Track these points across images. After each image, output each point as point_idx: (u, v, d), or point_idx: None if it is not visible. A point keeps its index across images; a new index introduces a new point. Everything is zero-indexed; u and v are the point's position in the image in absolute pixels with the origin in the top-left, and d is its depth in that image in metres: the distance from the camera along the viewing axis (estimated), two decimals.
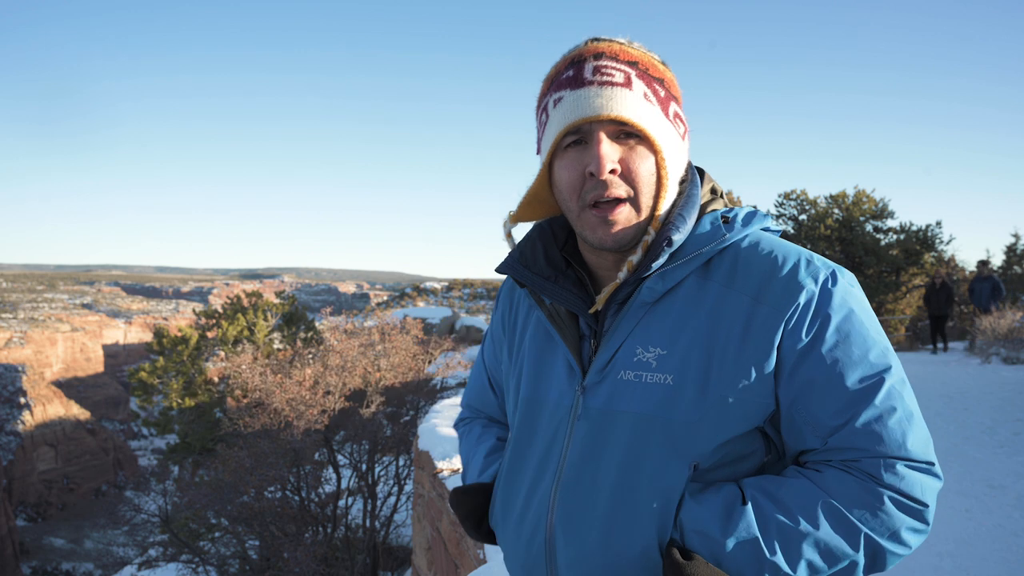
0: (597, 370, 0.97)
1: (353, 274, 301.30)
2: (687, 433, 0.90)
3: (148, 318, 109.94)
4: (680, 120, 0.98)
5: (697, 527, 0.88)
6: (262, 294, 25.04)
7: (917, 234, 21.42)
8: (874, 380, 0.88)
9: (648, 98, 0.92)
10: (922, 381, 9.04)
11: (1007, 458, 5.46)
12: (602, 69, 0.92)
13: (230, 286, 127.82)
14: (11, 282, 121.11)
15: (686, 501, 0.90)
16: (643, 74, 0.94)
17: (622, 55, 0.94)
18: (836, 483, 0.87)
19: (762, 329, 0.89)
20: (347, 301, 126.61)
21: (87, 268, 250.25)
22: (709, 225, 0.96)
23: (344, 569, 9.53)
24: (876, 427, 0.86)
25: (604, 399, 0.96)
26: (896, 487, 0.86)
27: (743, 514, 0.87)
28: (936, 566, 3.58)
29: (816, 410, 0.89)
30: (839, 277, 0.92)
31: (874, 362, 0.88)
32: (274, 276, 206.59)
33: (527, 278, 1.04)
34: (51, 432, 63.33)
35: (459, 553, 4.31)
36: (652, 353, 0.93)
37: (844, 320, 0.89)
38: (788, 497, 0.88)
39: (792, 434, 0.92)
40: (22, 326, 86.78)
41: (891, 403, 0.87)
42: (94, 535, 43.84)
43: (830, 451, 0.89)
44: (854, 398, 0.87)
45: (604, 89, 0.91)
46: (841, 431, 0.87)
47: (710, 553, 0.87)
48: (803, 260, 0.92)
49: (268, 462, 9.67)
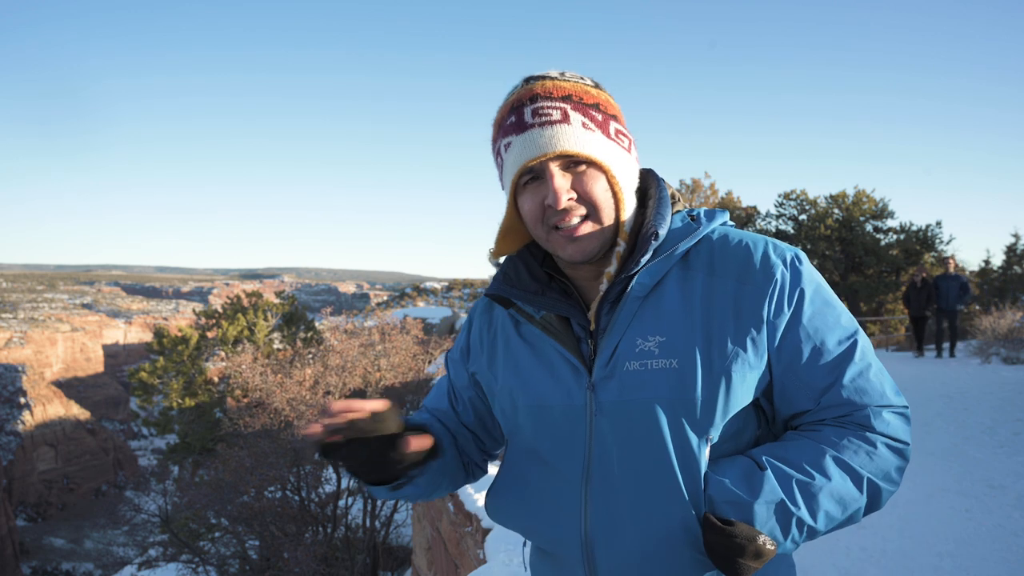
0: (602, 365, 1.02)
1: (353, 274, 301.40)
2: (700, 410, 0.97)
3: (148, 318, 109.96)
4: (623, 135, 1.06)
5: (727, 498, 0.95)
6: (262, 294, 25.06)
7: (917, 234, 21.42)
8: (850, 341, 1.01)
9: (587, 126, 1.01)
10: (922, 381, 9.04)
11: (1007, 458, 5.46)
12: (539, 111, 1.01)
13: (230, 286, 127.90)
14: (11, 282, 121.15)
15: (709, 477, 0.98)
16: (578, 105, 1.02)
17: (556, 92, 1.02)
18: (836, 437, 0.98)
19: (751, 305, 0.99)
20: (347, 301, 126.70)
21: (87, 268, 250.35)
22: (680, 222, 1.07)
23: (344, 569, 9.53)
24: (861, 382, 0.99)
25: (616, 392, 1.01)
26: (886, 432, 0.99)
27: (765, 479, 0.95)
28: (936, 566, 3.58)
29: (806, 374, 1.00)
30: (801, 256, 1.04)
31: (846, 325, 1.02)
32: (274, 276, 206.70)
33: (515, 295, 1.10)
34: (51, 432, 63.34)
35: (459, 553, 4.31)
36: (652, 341, 1.00)
37: (815, 292, 1.02)
38: (798, 457, 0.97)
39: (785, 400, 1.03)
40: (22, 326, 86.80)
41: (867, 359, 1.01)
42: (94, 535, 43.87)
43: (823, 409, 1.01)
44: (838, 359, 1.00)
45: (545, 129, 1.00)
46: (831, 390, 0.99)
47: (743, 517, 0.94)
48: (770, 244, 1.04)
49: (268, 462, 9.68)
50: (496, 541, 3.60)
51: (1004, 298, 17.59)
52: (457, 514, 4.39)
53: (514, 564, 3.31)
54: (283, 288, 36.95)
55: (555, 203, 0.99)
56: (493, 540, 3.62)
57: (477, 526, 4.00)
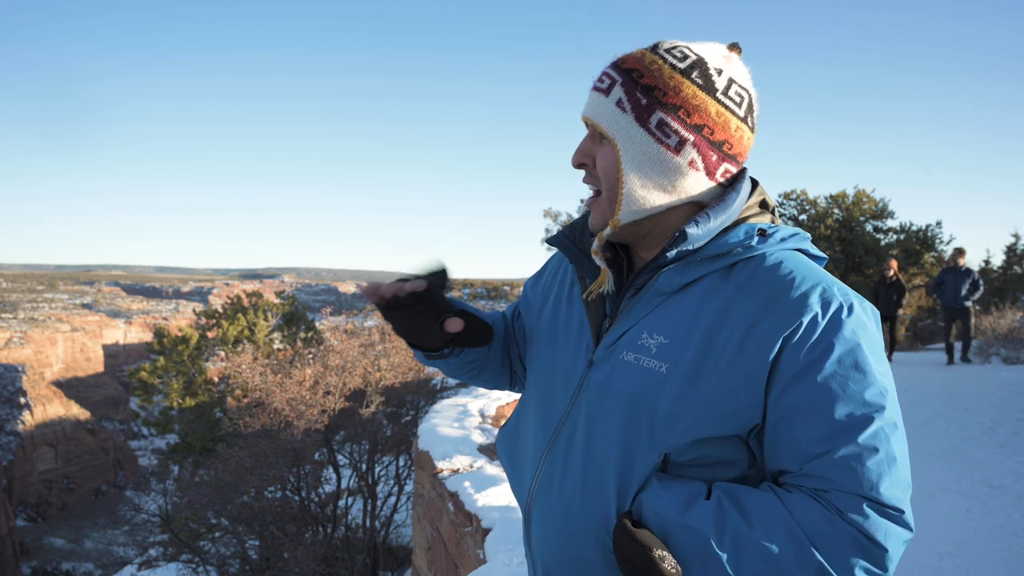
0: (605, 346, 1.04)
1: (353, 274, 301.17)
2: (666, 422, 0.94)
3: (148, 318, 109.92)
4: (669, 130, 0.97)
5: (654, 506, 0.92)
6: (262, 294, 25.06)
7: (917, 234, 21.42)
8: (862, 418, 0.88)
9: (621, 104, 0.99)
10: (922, 381, 9.04)
11: (1007, 458, 5.46)
12: (602, 76, 1.02)
13: (230, 286, 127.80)
14: (11, 282, 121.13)
15: (652, 483, 0.94)
16: (630, 82, 0.99)
17: (625, 63, 1.01)
18: (802, 507, 0.87)
19: (761, 338, 0.90)
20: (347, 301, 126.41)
21: (87, 268, 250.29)
22: (743, 234, 0.98)
23: (344, 569, 9.53)
24: (853, 463, 0.86)
25: (605, 375, 1.02)
26: (859, 526, 0.85)
27: (702, 507, 0.89)
28: (936, 566, 3.58)
29: (798, 433, 0.89)
30: (856, 310, 0.92)
31: (868, 400, 0.88)
32: (274, 276, 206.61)
33: (572, 253, 1.13)
34: (51, 432, 63.32)
35: (459, 553, 4.31)
36: (655, 340, 0.98)
37: (847, 353, 0.89)
38: (752, 506, 0.89)
39: (772, 452, 0.93)
40: (22, 326, 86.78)
41: (874, 444, 0.87)
42: (94, 535, 43.87)
43: (804, 476, 0.90)
44: (838, 430, 0.87)
45: (591, 94, 1.03)
46: (818, 460, 0.88)
47: (660, 533, 0.90)
48: (822, 285, 0.92)
49: (268, 462, 9.68)
50: (496, 541, 3.60)
51: (1004, 298, 17.59)
52: (457, 514, 4.39)
53: (514, 564, 3.31)
54: (283, 288, 36.95)
55: (572, 159, 1.05)
56: (493, 540, 3.62)
57: (477, 526, 4.00)
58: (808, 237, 1.03)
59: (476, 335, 1.15)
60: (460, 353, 1.21)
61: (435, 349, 1.17)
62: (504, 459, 1.22)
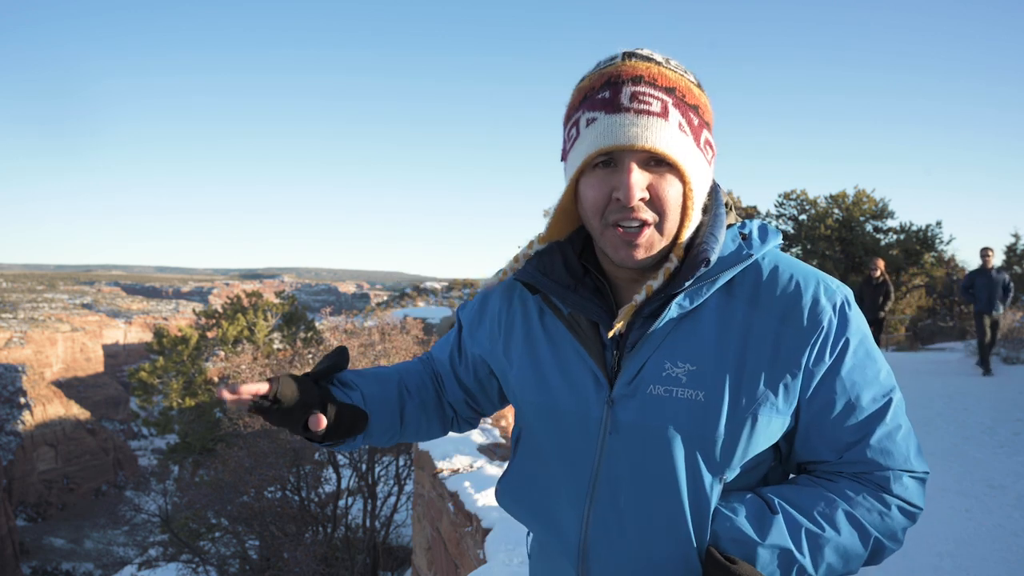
0: (625, 383, 0.98)
1: (353, 274, 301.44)
2: (719, 449, 0.94)
3: (148, 318, 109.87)
4: (710, 146, 0.98)
5: (733, 536, 0.94)
6: (262, 294, 25.08)
7: (917, 234, 21.42)
8: (885, 399, 0.97)
9: (683, 128, 0.92)
10: (922, 381, 9.04)
11: (1007, 458, 5.46)
12: (639, 96, 0.90)
13: (230, 286, 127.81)
14: (11, 282, 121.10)
15: (719, 512, 0.96)
16: (680, 102, 0.92)
17: (660, 80, 0.92)
18: (852, 492, 0.96)
19: (791, 350, 0.94)
20: (347, 301, 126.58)
21: (87, 268, 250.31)
22: (732, 244, 0.99)
23: (344, 569, 9.52)
24: (887, 444, 0.96)
25: (635, 414, 0.97)
26: (903, 496, 0.97)
27: (774, 523, 0.93)
28: (936, 566, 3.58)
29: (834, 427, 0.96)
30: (850, 301, 0.98)
31: (883, 382, 0.98)
32: (274, 276, 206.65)
33: (546, 286, 1.03)
34: (51, 432, 63.28)
35: (459, 553, 4.31)
36: (681, 368, 0.95)
37: (859, 344, 0.96)
38: (811, 506, 0.96)
39: (806, 447, 1.00)
40: (22, 326, 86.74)
41: (898, 421, 0.97)
42: (94, 535, 43.85)
43: (844, 464, 0.98)
44: (869, 417, 0.96)
45: (640, 118, 0.89)
46: (856, 447, 0.96)
47: (745, 557, 0.93)
48: (821, 285, 0.97)
49: (268, 462, 9.68)
50: (496, 541, 3.59)
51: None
52: (457, 514, 4.39)
53: (514, 564, 3.31)
54: (283, 288, 36.95)
55: (626, 199, 0.89)
56: (493, 540, 3.62)
57: (477, 526, 3.99)
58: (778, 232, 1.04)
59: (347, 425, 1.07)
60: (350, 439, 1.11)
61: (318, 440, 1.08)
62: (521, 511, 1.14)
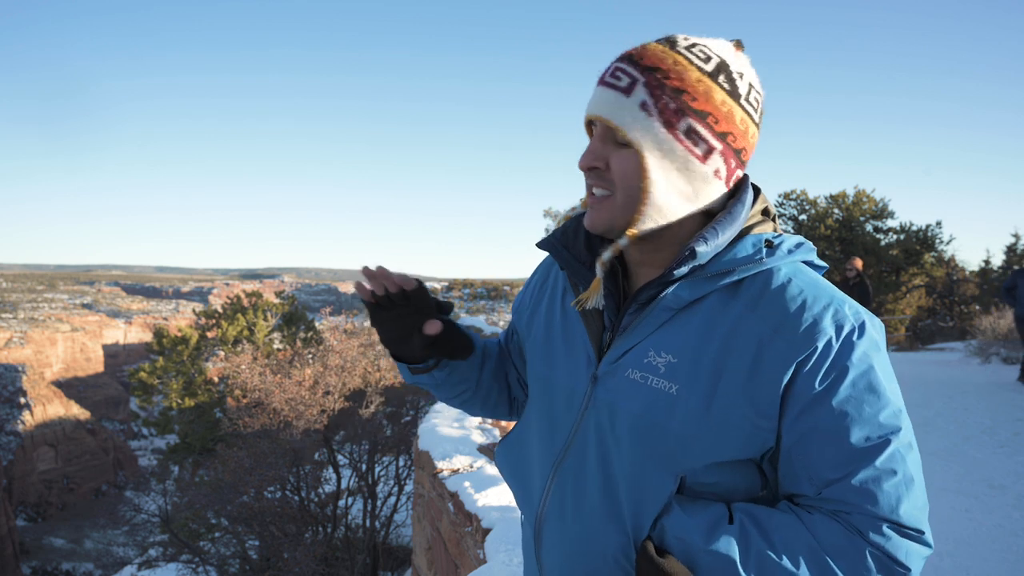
0: (609, 362, 1.00)
1: (353, 274, 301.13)
2: (680, 445, 0.92)
3: (148, 318, 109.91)
4: (699, 137, 0.92)
5: (679, 533, 0.91)
6: (262, 294, 25.08)
7: (917, 234, 21.43)
8: (879, 441, 0.87)
9: (646, 107, 0.91)
10: (922, 381, 9.04)
11: (1007, 458, 5.46)
12: (616, 72, 0.93)
13: (230, 286, 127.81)
14: (11, 282, 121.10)
15: (673, 508, 0.93)
16: (655, 82, 0.91)
17: (645, 60, 0.92)
18: (824, 529, 0.88)
19: (773, 363, 0.88)
20: (347, 301, 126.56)
21: (87, 268, 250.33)
22: (751, 247, 0.95)
23: (344, 569, 9.53)
24: (872, 487, 0.87)
25: (609, 393, 0.98)
26: (881, 547, 0.86)
27: (726, 532, 0.89)
28: (936, 566, 3.58)
29: (815, 459, 0.89)
30: (867, 330, 0.90)
31: (883, 423, 0.88)
32: (274, 276, 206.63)
33: (564, 258, 1.07)
34: (51, 432, 63.31)
35: (459, 553, 4.31)
36: (663, 359, 0.95)
37: (861, 376, 0.88)
38: (775, 530, 0.89)
39: (788, 476, 0.93)
40: (22, 326, 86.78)
41: (892, 466, 0.87)
42: (94, 535, 43.83)
43: (822, 500, 0.90)
44: (855, 455, 0.87)
45: (605, 91, 0.93)
46: (836, 484, 0.88)
47: (685, 560, 0.90)
48: (833, 306, 0.90)
49: (268, 462, 9.68)
50: (496, 541, 3.59)
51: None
52: (457, 514, 4.39)
53: (514, 564, 3.31)
54: (283, 288, 36.94)
55: (580, 162, 0.97)
56: (493, 540, 3.62)
57: (477, 526, 4.00)
58: (813, 249, 1.00)
59: (454, 345, 1.11)
60: (445, 367, 1.16)
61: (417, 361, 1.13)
62: (506, 473, 1.19)
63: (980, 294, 19.76)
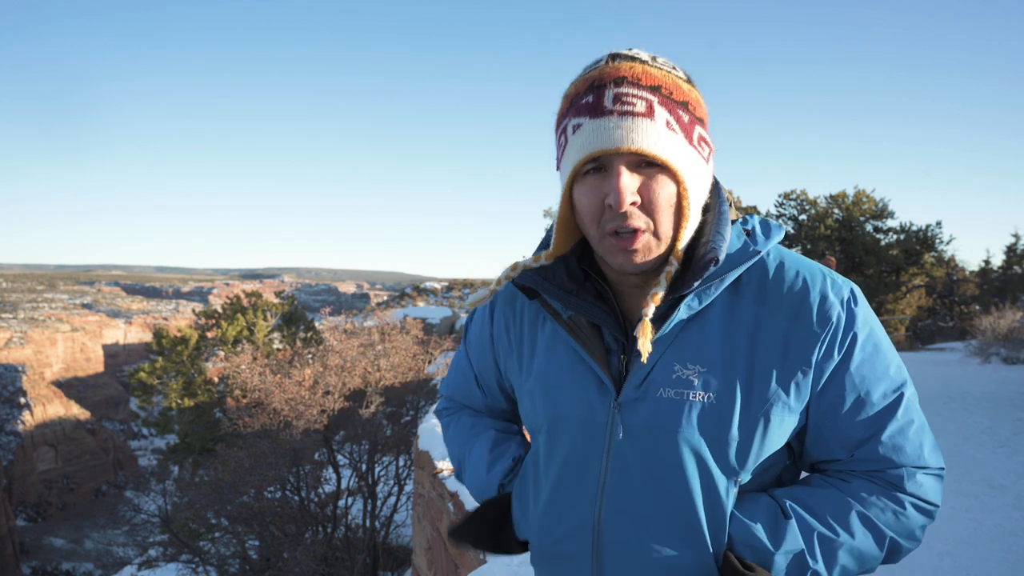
0: (634, 386, 0.96)
1: (353, 274, 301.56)
2: (734, 452, 0.93)
3: (148, 318, 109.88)
4: (705, 143, 0.94)
5: (747, 540, 0.93)
6: (262, 294, 25.08)
7: (917, 234, 21.42)
8: (896, 394, 0.95)
9: (671, 126, 0.89)
10: (922, 381, 9.04)
11: (1007, 458, 5.46)
12: (622, 97, 0.87)
13: (230, 286, 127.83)
14: (11, 282, 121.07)
15: (734, 516, 0.95)
16: (666, 99, 0.89)
17: (644, 79, 0.89)
18: (865, 493, 0.95)
19: (800, 348, 0.92)
20: (347, 301, 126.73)
21: (87, 268, 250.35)
22: (737, 240, 0.97)
23: (344, 569, 9.52)
24: (899, 440, 0.94)
25: (646, 417, 0.95)
26: (917, 494, 0.95)
27: (788, 528, 0.93)
28: (936, 566, 3.58)
29: (844, 424, 0.95)
30: (857, 295, 0.96)
31: (894, 376, 0.95)
32: (274, 276, 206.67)
33: (547, 290, 1.01)
34: (51, 432, 63.28)
35: (459, 553, 4.31)
36: (692, 370, 0.94)
37: (867, 338, 0.95)
38: (824, 508, 0.95)
39: (818, 445, 0.98)
40: (22, 326, 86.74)
41: (910, 416, 0.95)
42: (94, 535, 43.81)
43: (856, 462, 0.97)
44: (879, 413, 0.94)
45: (624, 120, 0.87)
46: (867, 444, 0.95)
47: (760, 563, 0.93)
48: (828, 278, 0.96)
49: (268, 462, 9.68)
50: None
51: (1004, 298, 17.58)
52: (457, 514, 4.39)
53: (514, 564, 3.31)
54: (283, 288, 36.95)
55: (617, 204, 0.87)
56: None
57: None
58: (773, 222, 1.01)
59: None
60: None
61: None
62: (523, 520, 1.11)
63: (980, 294, 19.76)
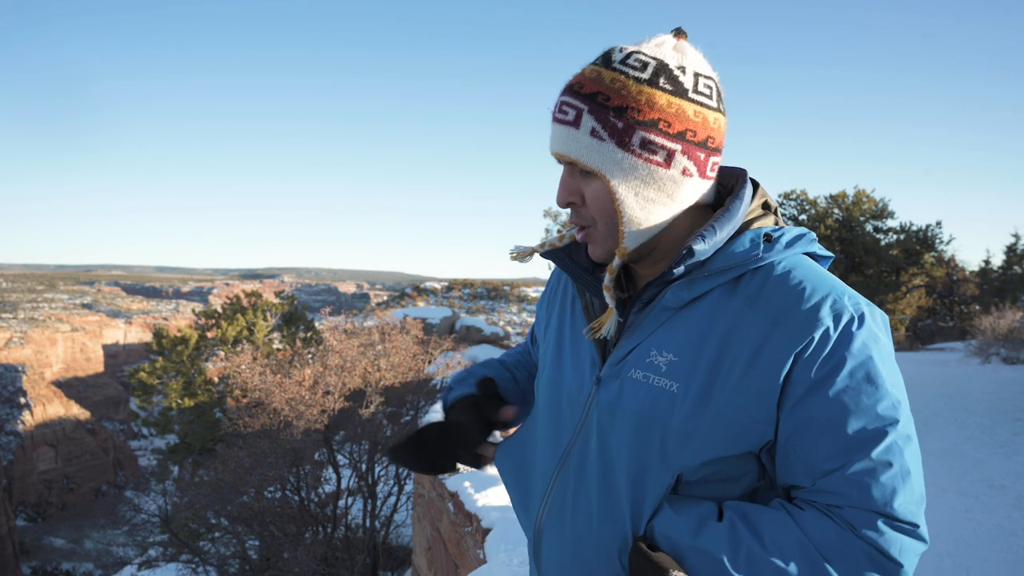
0: (612, 363, 1.01)
1: (353, 274, 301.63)
2: (678, 442, 0.92)
3: (148, 318, 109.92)
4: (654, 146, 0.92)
5: (666, 532, 0.92)
6: (262, 294, 25.06)
7: (917, 234, 21.43)
8: (876, 432, 0.86)
9: (596, 134, 0.92)
10: (922, 381, 9.04)
11: (1007, 458, 5.46)
12: (562, 106, 0.96)
13: (230, 286, 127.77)
14: (11, 282, 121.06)
15: (663, 508, 0.94)
16: (597, 107, 0.92)
17: (585, 87, 0.94)
18: (815, 525, 0.87)
19: (772, 355, 0.88)
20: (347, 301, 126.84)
21: (87, 268, 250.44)
22: (748, 242, 0.95)
23: (344, 569, 9.52)
24: (867, 479, 0.85)
25: (614, 394, 0.99)
26: (874, 542, 0.84)
27: (714, 530, 0.89)
28: (936, 566, 3.58)
29: (811, 449, 0.88)
30: (867, 321, 0.89)
31: (881, 414, 0.87)
32: (274, 276, 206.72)
33: (569, 266, 1.09)
34: (51, 432, 63.28)
35: (459, 553, 4.31)
36: (664, 358, 0.95)
37: (859, 366, 0.87)
38: (765, 526, 0.88)
39: (785, 467, 0.92)
40: (22, 326, 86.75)
41: (888, 458, 0.86)
42: (94, 535, 43.81)
43: (817, 492, 0.89)
44: (851, 446, 0.86)
45: (558, 128, 0.96)
46: (831, 475, 0.87)
47: (673, 554, 0.91)
48: (832, 296, 0.90)
49: (268, 462, 9.67)
50: (496, 541, 3.59)
51: (1004, 298, 17.58)
52: (457, 514, 4.39)
53: (514, 564, 3.31)
54: (283, 288, 36.95)
55: (557, 199, 1.00)
56: (493, 540, 3.62)
57: (477, 526, 3.99)
58: (815, 238, 1.00)
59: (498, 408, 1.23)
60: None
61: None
62: (507, 475, 1.19)
63: (980, 294, 19.77)
